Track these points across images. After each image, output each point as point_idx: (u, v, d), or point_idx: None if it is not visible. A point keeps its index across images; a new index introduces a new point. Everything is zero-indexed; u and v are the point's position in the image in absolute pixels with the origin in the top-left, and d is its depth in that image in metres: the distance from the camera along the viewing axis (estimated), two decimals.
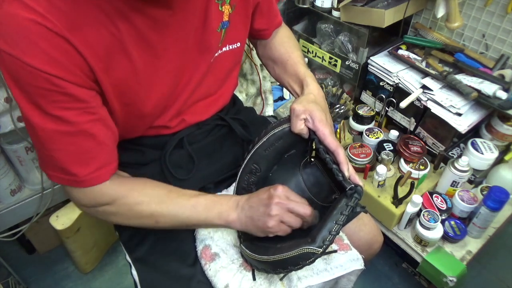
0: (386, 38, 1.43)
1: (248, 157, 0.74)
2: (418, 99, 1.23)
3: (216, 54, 0.72)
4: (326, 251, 0.60)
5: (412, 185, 1.09)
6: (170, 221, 0.66)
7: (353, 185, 0.62)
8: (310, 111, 0.68)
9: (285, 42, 0.88)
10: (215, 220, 0.67)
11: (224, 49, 0.73)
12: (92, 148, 0.59)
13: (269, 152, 0.73)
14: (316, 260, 0.73)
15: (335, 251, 0.75)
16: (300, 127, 0.69)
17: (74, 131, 0.56)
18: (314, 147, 0.74)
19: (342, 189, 0.65)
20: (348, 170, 0.65)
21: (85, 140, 0.58)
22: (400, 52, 1.33)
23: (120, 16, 0.54)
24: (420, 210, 1.12)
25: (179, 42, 0.64)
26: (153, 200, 0.65)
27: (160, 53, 0.62)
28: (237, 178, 0.75)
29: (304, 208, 0.64)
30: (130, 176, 0.71)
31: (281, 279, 0.70)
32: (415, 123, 1.30)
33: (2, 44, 0.49)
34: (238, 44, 0.76)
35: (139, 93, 0.63)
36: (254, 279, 0.70)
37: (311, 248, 0.59)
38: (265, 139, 0.72)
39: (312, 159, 0.77)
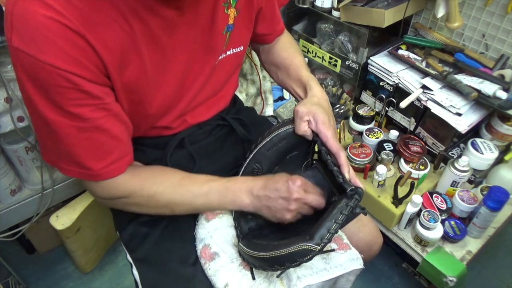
0: (386, 38, 1.43)
1: (251, 156, 0.75)
2: (418, 99, 1.23)
3: (220, 57, 0.73)
4: (324, 249, 0.60)
5: (412, 185, 1.09)
6: (185, 209, 0.70)
7: (353, 187, 0.63)
8: (314, 113, 0.69)
9: (287, 47, 0.89)
10: (229, 206, 0.71)
11: (228, 52, 0.74)
12: (106, 143, 0.60)
13: (271, 152, 0.74)
14: (316, 260, 0.73)
15: (333, 250, 0.75)
16: (303, 128, 0.70)
17: (89, 127, 0.57)
18: (316, 149, 0.74)
19: (341, 191, 0.66)
20: (348, 172, 0.66)
21: (99, 135, 0.59)
22: (400, 52, 1.33)
23: (135, 15, 0.55)
24: (420, 210, 1.12)
25: (187, 43, 0.65)
26: (167, 191, 0.67)
27: (168, 53, 0.62)
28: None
29: (319, 202, 0.68)
30: (142, 165, 0.72)
31: (278, 276, 0.70)
32: (415, 123, 1.30)
33: (18, 43, 0.48)
34: (241, 48, 0.77)
35: (147, 93, 0.64)
36: (253, 278, 0.70)
37: (309, 245, 0.59)
38: (268, 139, 0.73)
39: (314, 161, 0.78)
